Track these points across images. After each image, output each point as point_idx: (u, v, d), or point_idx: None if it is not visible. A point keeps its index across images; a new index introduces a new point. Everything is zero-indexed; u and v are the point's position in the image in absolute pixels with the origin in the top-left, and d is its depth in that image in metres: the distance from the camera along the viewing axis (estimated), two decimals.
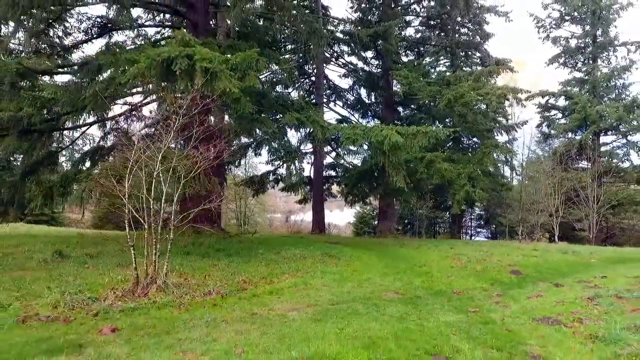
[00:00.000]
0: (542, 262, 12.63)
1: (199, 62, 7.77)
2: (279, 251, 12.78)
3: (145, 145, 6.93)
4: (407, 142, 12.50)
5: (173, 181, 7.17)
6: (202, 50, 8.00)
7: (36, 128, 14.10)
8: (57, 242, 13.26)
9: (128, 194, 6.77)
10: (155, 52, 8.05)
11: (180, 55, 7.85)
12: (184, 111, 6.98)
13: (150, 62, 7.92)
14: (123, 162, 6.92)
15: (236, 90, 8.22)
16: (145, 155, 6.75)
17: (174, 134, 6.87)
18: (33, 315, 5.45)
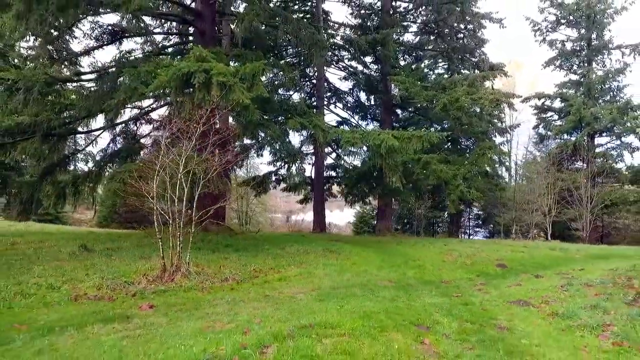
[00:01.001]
0: (528, 257, 13.62)
1: (215, 76, 8.74)
2: (283, 247, 13.79)
3: (169, 150, 7.90)
4: (402, 146, 13.48)
5: (192, 182, 8.14)
6: (217, 65, 8.97)
7: (55, 132, 15.12)
8: (76, 238, 14.26)
9: (154, 194, 7.75)
10: (176, 67, 9.01)
11: (198, 70, 8.83)
12: (203, 120, 7.96)
13: (171, 75, 8.89)
14: (150, 166, 7.88)
15: (248, 102, 9.20)
16: (169, 160, 7.74)
17: (195, 141, 7.85)
18: (82, 294, 6.45)
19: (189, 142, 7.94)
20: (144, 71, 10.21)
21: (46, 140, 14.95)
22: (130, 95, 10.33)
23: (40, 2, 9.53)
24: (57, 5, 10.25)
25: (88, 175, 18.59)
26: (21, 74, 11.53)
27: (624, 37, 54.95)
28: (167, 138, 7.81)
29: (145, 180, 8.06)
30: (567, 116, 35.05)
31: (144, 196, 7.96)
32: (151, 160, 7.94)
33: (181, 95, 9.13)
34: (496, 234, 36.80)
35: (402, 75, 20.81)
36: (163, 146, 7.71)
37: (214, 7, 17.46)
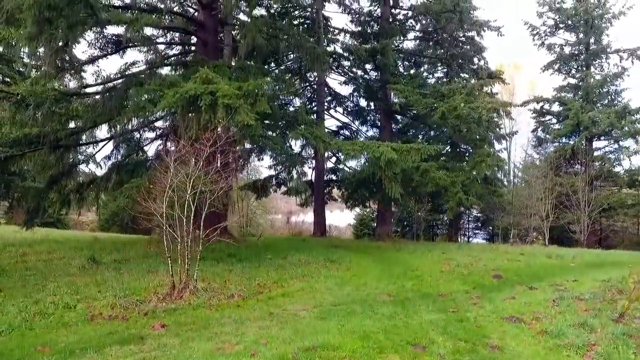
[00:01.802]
0: (524, 266, 13.96)
1: (221, 98, 9.10)
2: (285, 256, 14.18)
3: (177, 171, 8.26)
4: (401, 158, 13.86)
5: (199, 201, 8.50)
6: (223, 87, 9.32)
7: (62, 143, 15.47)
8: (83, 247, 14.65)
9: (163, 213, 8.11)
10: (183, 88, 9.37)
11: (204, 93, 9.19)
12: (210, 143, 8.32)
13: (178, 97, 9.24)
14: (159, 186, 8.24)
15: (253, 123, 9.57)
16: (177, 180, 8.10)
17: (202, 162, 8.21)
18: (97, 314, 6.82)
19: (196, 163, 8.30)
20: (151, 89, 10.58)
21: (53, 151, 15.30)
22: (138, 114, 10.69)
23: (52, 23, 9.88)
24: (68, 24, 10.60)
25: (92, 182, 18.99)
26: (31, 91, 11.88)
27: (622, 41, 55.26)
28: (175, 160, 8.14)
29: (153, 198, 8.41)
30: (565, 120, 35.39)
31: (153, 214, 8.31)
32: (160, 181, 8.28)
33: (187, 114, 9.48)
34: (495, 237, 37.17)
35: (401, 84, 21.15)
36: (171, 167, 8.06)
37: (216, 17, 17.81)
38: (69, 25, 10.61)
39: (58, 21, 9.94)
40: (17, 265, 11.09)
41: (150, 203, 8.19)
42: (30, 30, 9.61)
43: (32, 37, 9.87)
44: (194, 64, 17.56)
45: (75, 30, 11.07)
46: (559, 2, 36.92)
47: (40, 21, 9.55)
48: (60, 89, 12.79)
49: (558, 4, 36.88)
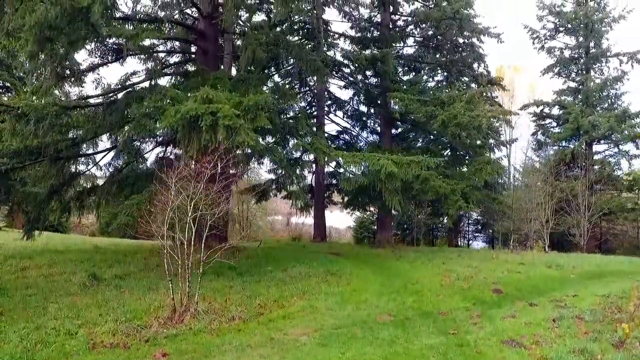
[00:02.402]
0: (524, 278, 13.99)
1: (222, 119, 9.12)
2: (285, 268, 14.22)
3: (178, 191, 8.28)
4: (401, 171, 13.88)
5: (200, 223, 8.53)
6: (224, 108, 9.34)
7: (62, 154, 15.50)
8: (83, 259, 14.68)
9: (164, 234, 8.13)
10: (185, 108, 9.39)
11: (205, 113, 9.21)
12: (211, 166, 8.34)
13: (179, 117, 9.26)
14: (161, 207, 8.26)
15: (253, 143, 9.60)
16: (178, 202, 8.12)
17: (203, 185, 8.23)
18: (99, 342, 6.84)
19: (196, 185, 8.31)
20: (151, 106, 10.61)
21: (54, 163, 15.32)
22: (139, 131, 10.71)
23: (52, 41, 9.89)
24: (68, 41, 10.62)
25: (93, 189, 19.00)
26: (32, 106, 11.89)
27: (622, 45, 55.26)
28: (176, 182, 8.16)
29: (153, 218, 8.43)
30: (565, 124, 35.43)
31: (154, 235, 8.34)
32: (160, 201, 8.30)
33: (188, 134, 9.51)
34: (495, 240, 37.21)
35: (401, 92, 21.15)
36: (172, 190, 8.08)
37: (217, 26, 17.81)
38: (69, 42, 10.62)
39: (59, 39, 9.95)
40: (18, 281, 11.12)
41: (151, 223, 8.20)
42: (31, 49, 9.63)
43: (33, 55, 9.89)
44: (195, 74, 17.61)
45: (76, 46, 11.08)
46: (558, 6, 36.95)
47: (41, 40, 9.57)
48: (60, 103, 12.79)
49: (558, 7, 36.91)
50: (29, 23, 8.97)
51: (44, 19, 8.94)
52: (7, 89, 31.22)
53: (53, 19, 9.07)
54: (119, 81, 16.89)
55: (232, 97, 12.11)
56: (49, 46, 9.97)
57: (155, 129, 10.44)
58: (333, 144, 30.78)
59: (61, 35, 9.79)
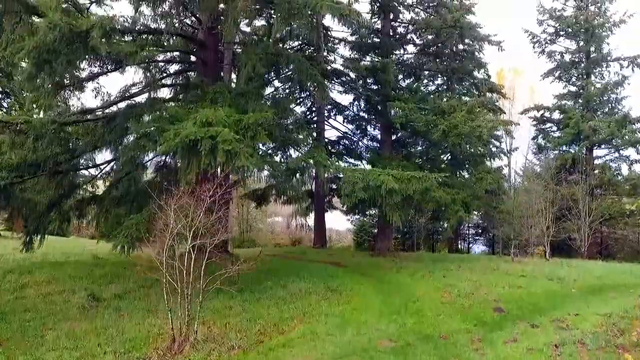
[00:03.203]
0: (525, 295, 13.91)
1: (221, 143, 9.06)
2: (285, 284, 14.19)
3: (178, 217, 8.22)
4: (402, 187, 13.81)
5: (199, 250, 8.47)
6: (223, 132, 9.27)
7: (62, 168, 15.44)
8: (83, 275, 14.61)
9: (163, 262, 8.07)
10: (184, 132, 9.32)
11: (205, 137, 9.15)
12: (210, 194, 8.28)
13: (178, 142, 9.20)
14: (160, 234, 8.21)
15: (252, 167, 9.54)
16: (177, 229, 8.06)
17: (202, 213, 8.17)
18: None
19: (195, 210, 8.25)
20: (151, 127, 10.56)
21: (53, 176, 15.26)
22: (138, 153, 10.66)
23: (51, 63, 9.82)
24: (67, 61, 10.55)
25: (92, 199, 18.95)
26: (31, 125, 11.82)
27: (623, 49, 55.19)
28: (175, 210, 8.10)
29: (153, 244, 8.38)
30: (565, 128, 35.37)
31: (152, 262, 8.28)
32: (160, 229, 8.24)
33: (188, 157, 9.46)
34: (496, 244, 37.11)
35: (402, 102, 21.08)
36: (171, 218, 8.02)
37: (217, 36, 17.76)
38: (67, 61, 10.55)
39: (57, 60, 9.89)
40: (17, 302, 11.07)
41: (150, 251, 8.15)
42: (30, 70, 9.57)
43: (32, 77, 9.83)
44: (194, 86, 17.55)
45: (75, 64, 11.03)
46: (559, 10, 36.90)
47: (39, 63, 9.51)
48: (59, 120, 12.71)
49: (558, 12, 36.86)
50: (27, 47, 8.91)
51: (43, 43, 8.88)
52: (6, 95, 31.16)
53: (51, 43, 9.01)
54: (119, 93, 16.79)
55: (232, 114, 12.05)
56: (48, 67, 9.90)
57: (154, 150, 10.36)
58: (333, 149, 30.79)
59: (60, 56, 9.72)
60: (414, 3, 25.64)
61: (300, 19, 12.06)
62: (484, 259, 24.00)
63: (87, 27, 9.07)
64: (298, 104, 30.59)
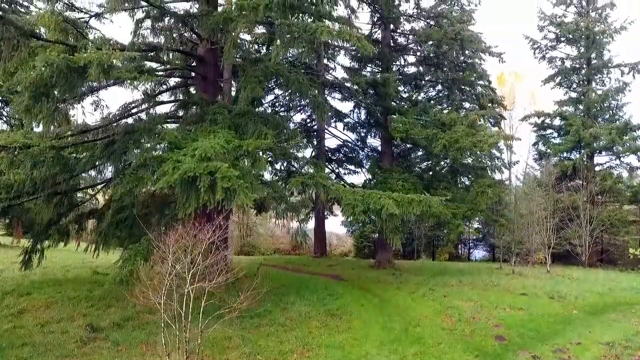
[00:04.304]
0: (526, 318, 13.83)
1: (220, 180, 8.98)
2: (285, 306, 14.14)
3: (176, 259, 8.14)
4: (402, 210, 13.73)
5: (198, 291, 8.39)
6: (222, 168, 9.18)
7: (60, 189, 15.33)
8: (82, 297, 14.53)
9: (161, 303, 7.99)
10: (183, 167, 9.23)
11: (203, 173, 9.06)
12: (209, 236, 8.20)
13: (177, 177, 9.11)
14: (158, 278, 8.13)
15: (251, 203, 9.45)
16: (174, 273, 7.98)
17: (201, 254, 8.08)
18: None
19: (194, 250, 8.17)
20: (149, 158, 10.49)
21: (52, 198, 15.17)
22: (136, 184, 10.58)
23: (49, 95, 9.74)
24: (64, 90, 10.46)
25: (92, 213, 18.86)
26: (29, 154, 11.72)
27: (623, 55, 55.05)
28: (174, 253, 8.01)
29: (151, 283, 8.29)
30: (566, 135, 35.32)
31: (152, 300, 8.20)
32: (158, 273, 8.16)
33: (186, 192, 9.37)
34: (496, 249, 36.93)
35: (402, 116, 21.02)
36: (170, 260, 7.94)
37: (216, 52, 17.63)
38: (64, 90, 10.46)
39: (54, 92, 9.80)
40: (14, 334, 10.97)
41: (149, 292, 8.07)
42: (27, 103, 9.48)
43: (29, 109, 9.74)
44: (193, 102, 17.48)
45: (72, 93, 10.93)
46: (559, 17, 36.83)
47: (36, 95, 9.43)
48: (57, 144, 12.63)
49: (559, 18, 36.79)
50: (24, 83, 8.82)
51: (40, 78, 8.79)
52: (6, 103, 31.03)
53: (49, 78, 8.92)
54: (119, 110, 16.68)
55: (232, 139, 11.97)
56: (45, 99, 9.82)
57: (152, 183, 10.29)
58: (334, 156, 30.74)
59: (57, 88, 9.63)
60: (415, 14, 25.58)
61: (300, 43, 11.90)
62: (484, 271, 23.88)
63: (85, 62, 8.98)
64: (298, 111, 30.54)
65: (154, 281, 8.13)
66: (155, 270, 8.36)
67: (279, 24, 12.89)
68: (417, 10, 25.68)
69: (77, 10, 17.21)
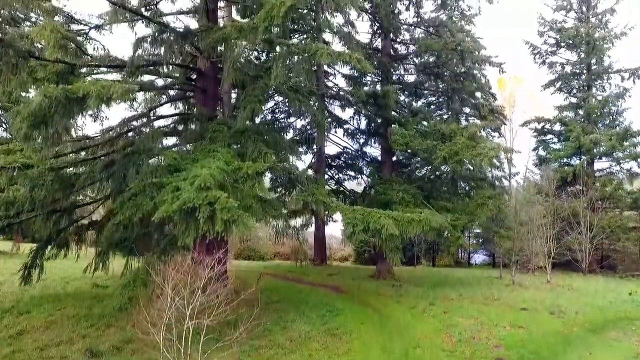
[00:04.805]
0: (527, 338, 13.78)
1: (219, 212, 8.95)
2: (285, 324, 14.13)
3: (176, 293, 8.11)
4: (402, 229, 13.72)
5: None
6: (222, 199, 9.15)
7: (60, 207, 15.32)
8: (81, 315, 14.52)
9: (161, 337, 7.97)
10: (182, 197, 9.20)
11: (203, 204, 9.03)
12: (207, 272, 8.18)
13: (176, 208, 9.08)
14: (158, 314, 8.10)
15: (248, 233, 9.43)
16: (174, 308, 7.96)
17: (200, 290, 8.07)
18: None
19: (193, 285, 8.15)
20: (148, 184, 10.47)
21: (51, 216, 15.15)
22: (135, 211, 10.55)
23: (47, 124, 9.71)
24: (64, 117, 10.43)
25: (92, 225, 18.85)
26: (28, 177, 11.69)
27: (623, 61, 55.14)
28: (172, 288, 7.99)
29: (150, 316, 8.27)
30: (566, 141, 35.35)
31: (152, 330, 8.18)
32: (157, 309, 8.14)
33: (186, 222, 9.35)
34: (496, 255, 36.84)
35: (402, 127, 21.00)
36: (169, 296, 7.91)
37: (216, 64, 17.60)
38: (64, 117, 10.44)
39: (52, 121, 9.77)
40: (13, 358, 10.96)
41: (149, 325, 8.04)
42: (25, 131, 9.45)
43: (27, 137, 9.72)
44: (192, 117, 17.45)
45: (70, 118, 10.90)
46: (560, 22, 36.85)
47: (35, 124, 9.40)
48: (57, 165, 12.60)
49: (559, 23, 36.82)
50: (22, 114, 8.80)
51: (38, 110, 8.77)
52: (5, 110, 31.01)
53: (47, 108, 8.90)
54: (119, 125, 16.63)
55: (231, 161, 11.94)
56: (43, 127, 9.79)
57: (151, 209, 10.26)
58: (333, 162, 30.69)
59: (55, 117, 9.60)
60: (415, 23, 25.52)
61: (300, 64, 11.87)
62: (484, 281, 23.88)
63: (84, 93, 8.95)
64: (298, 117, 30.50)
65: (153, 314, 8.08)
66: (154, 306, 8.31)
67: (278, 43, 12.86)
68: (418, 19, 25.65)
69: (77, 22, 17.27)
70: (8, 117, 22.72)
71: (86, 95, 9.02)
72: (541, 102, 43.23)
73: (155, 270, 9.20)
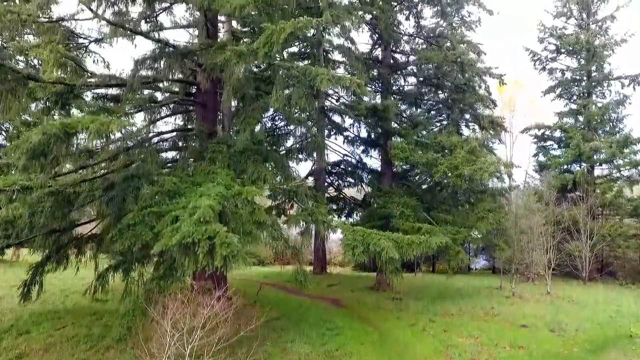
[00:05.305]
0: (527, 358, 13.80)
1: (219, 247, 8.92)
2: (284, 346, 14.12)
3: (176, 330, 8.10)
4: (402, 251, 13.71)
5: None
6: (221, 233, 9.12)
7: (59, 227, 15.27)
8: (81, 336, 14.51)
9: None
10: (181, 231, 9.17)
11: (202, 239, 9.01)
12: (207, 311, 8.17)
13: (175, 242, 9.06)
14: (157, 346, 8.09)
15: (250, 265, 9.41)
16: (174, 347, 7.95)
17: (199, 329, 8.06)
18: None
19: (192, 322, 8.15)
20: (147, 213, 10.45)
21: (50, 236, 15.13)
22: (134, 241, 10.53)
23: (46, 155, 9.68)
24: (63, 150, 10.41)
25: (92, 238, 18.81)
26: (26, 202, 11.66)
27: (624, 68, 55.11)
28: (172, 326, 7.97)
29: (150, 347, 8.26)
30: (566, 147, 35.39)
31: None
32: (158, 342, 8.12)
33: (185, 255, 9.33)
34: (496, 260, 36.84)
35: (402, 139, 20.99)
36: (168, 332, 7.90)
37: (217, 81, 17.56)
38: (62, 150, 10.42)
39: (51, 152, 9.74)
40: None
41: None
42: (24, 163, 9.43)
43: (27, 168, 9.70)
44: (192, 134, 17.43)
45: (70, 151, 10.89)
46: (560, 29, 36.85)
47: (33, 156, 9.38)
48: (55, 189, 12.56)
49: (559, 30, 36.84)
50: (21, 149, 8.77)
51: (37, 145, 8.75)
52: None
53: (45, 143, 8.88)
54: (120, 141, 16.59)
55: (232, 184, 11.91)
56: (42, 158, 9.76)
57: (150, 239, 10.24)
58: (334, 169, 30.63)
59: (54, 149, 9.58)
60: (415, 33, 25.48)
61: (300, 89, 11.84)
62: (484, 293, 23.88)
63: (83, 127, 8.93)
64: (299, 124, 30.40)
65: (152, 346, 8.07)
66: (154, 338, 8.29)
67: (278, 65, 12.83)
68: (418, 29, 25.61)
69: (77, 36, 17.24)
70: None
71: (85, 130, 9.01)
72: (541, 107, 43.47)
73: (154, 300, 9.19)
